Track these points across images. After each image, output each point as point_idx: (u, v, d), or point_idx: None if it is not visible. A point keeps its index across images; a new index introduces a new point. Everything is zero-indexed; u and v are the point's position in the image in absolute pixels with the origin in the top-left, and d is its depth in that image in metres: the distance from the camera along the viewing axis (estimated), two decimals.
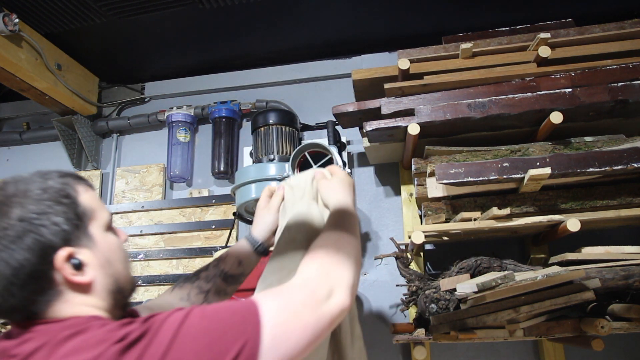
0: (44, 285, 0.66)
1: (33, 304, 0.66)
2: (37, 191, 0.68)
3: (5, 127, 2.39)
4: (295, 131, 1.85)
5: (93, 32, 1.92)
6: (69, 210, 0.69)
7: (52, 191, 0.69)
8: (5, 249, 0.64)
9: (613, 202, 1.35)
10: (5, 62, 1.73)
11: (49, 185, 0.69)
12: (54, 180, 0.70)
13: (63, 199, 0.69)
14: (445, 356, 1.65)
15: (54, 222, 0.67)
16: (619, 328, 1.26)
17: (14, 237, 0.64)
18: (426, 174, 1.45)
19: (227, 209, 1.97)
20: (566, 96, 1.36)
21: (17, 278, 0.64)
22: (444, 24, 1.90)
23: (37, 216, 0.66)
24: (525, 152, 1.39)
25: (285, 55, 2.11)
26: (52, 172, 0.72)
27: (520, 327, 1.28)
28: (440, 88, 1.50)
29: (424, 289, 1.38)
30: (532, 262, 1.55)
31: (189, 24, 1.89)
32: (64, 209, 0.68)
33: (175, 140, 2.04)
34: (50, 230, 0.66)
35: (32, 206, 0.66)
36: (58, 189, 0.70)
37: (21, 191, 0.67)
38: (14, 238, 0.64)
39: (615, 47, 1.49)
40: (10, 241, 0.64)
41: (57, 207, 0.68)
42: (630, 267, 1.26)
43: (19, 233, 0.64)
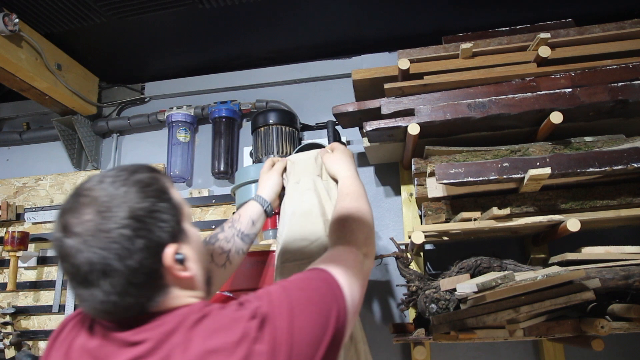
0: (158, 282, 0.67)
1: (148, 302, 0.66)
2: (139, 188, 0.67)
3: (5, 127, 2.39)
4: (295, 131, 1.85)
5: (93, 32, 1.92)
6: (170, 205, 0.69)
7: (152, 188, 0.68)
8: (123, 249, 0.63)
9: (613, 202, 1.35)
10: (5, 62, 1.73)
11: (147, 181, 0.68)
12: (147, 175, 0.69)
13: (163, 195, 0.69)
14: (445, 356, 1.65)
15: (161, 219, 0.67)
16: (619, 328, 1.26)
17: (130, 237, 0.63)
18: (426, 174, 1.45)
19: (227, 209, 1.97)
20: (566, 96, 1.36)
21: (135, 277, 0.64)
22: (444, 24, 1.90)
23: (147, 214, 0.65)
24: (525, 152, 1.39)
25: (285, 55, 2.11)
26: (140, 167, 0.71)
27: (520, 327, 1.28)
28: (440, 88, 1.50)
29: (424, 289, 1.38)
30: (532, 262, 1.55)
31: (189, 24, 1.89)
32: (167, 205, 0.69)
33: (175, 140, 2.04)
34: (160, 228, 0.66)
35: (141, 204, 0.65)
36: (156, 186, 0.69)
37: (123, 190, 0.66)
38: (130, 238, 0.63)
39: (615, 47, 1.49)
40: (126, 241, 0.63)
41: (161, 204, 0.68)
42: (630, 267, 1.26)
43: (134, 232, 0.64)
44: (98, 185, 0.66)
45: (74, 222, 0.64)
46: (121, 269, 0.63)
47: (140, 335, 0.65)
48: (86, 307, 0.67)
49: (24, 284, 2.03)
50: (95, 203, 0.64)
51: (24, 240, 1.95)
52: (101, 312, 0.66)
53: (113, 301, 0.64)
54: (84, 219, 0.63)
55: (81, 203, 0.65)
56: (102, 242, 0.62)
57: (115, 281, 0.63)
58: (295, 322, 0.64)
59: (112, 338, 0.67)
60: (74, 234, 0.63)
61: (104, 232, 0.63)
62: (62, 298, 1.98)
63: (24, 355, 1.84)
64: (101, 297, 0.64)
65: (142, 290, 0.65)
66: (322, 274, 0.74)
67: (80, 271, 0.63)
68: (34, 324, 2.01)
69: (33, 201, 2.15)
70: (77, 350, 0.70)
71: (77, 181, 2.14)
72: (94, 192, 0.65)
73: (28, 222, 2.12)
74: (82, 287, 0.64)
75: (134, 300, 0.65)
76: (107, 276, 0.63)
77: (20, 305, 2.02)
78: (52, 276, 2.03)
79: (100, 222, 0.63)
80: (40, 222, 2.11)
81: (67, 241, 0.63)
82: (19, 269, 1.99)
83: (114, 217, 0.63)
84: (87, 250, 0.62)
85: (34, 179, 2.19)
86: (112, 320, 0.67)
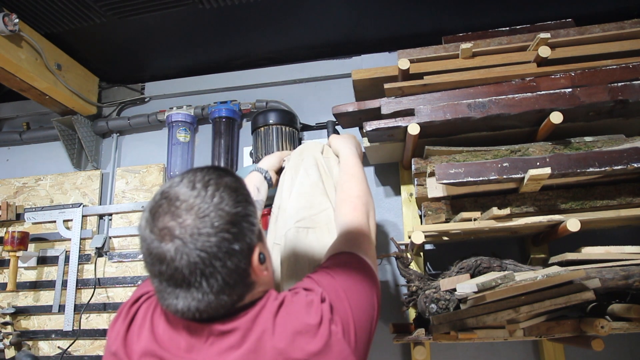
0: (247, 281, 0.72)
1: (239, 301, 0.72)
2: (231, 193, 0.70)
3: (5, 127, 2.39)
4: (295, 131, 1.85)
5: (93, 32, 1.92)
6: (254, 208, 0.74)
7: (241, 192, 0.72)
8: (223, 252, 0.67)
9: (613, 202, 1.35)
10: (5, 62, 1.73)
11: (236, 186, 0.72)
12: (232, 180, 0.73)
13: (249, 198, 0.74)
14: (445, 356, 1.65)
15: (252, 222, 0.72)
16: (619, 328, 1.26)
17: (229, 240, 0.67)
18: (426, 174, 1.45)
19: None
20: (566, 96, 1.36)
21: (231, 278, 0.68)
22: (444, 24, 1.90)
23: (242, 218, 0.70)
24: (525, 152, 1.39)
25: (285, 55, 2.11)
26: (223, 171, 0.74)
27: (520, 327, 1.28)
28: (440, 88, 1.50)
29: (424, 289, 1.38)
30: (532, 262, 1.55)
31: (189, 24, 1.89)
32: (253, 208, 0.74)
33: (175, 140, 2.04)
34: (251, 231, 0.71)
35: (235, 209, 0.69)
36: (243, 190, 0.73)
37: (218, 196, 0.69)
38: (229, 241, 0.67)
39: (615, 47, 1.49)
40: (227, 244, 0.67)
41: (250, 208, 0.73)
42: (630, 267, 1.26)
43: (232, 237, 0.68)
44: (192, 191, 0.69)
45: (173, 225, 0.66)
46: (220, 270, 0.67)
47: (229, 325, 0.70)
48: (179, 305, 0.69)
49: (23, 284, 2.03)
50: (194, 209, 0.67)
51: (24, 240, 1.95)
52: (195, 310, 0.69)
53: (208, 300, 0.68)
54: (185, 223, 0.66)
55: (178, 207, 0.67)
56: (204, 245, 0.66)
57: (213, 281, 0.67)
58: (352, 303, 0.75)
59: (199, 329, 0.71)
60: (175, 237, 0.66)
61: (205, 236, 0.66)
62: (62, 298, 1.98)
63: (24, 355, 1.83)
64: (198, 296, 0.67)
65: (235, 289, 0.70)
66: (354, 257, 0.84)
67: (181, 273, 0.66)
68: (34, 324, 2.01)
69: (33, 201, 2.15)
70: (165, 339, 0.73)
71: (77, 181, 2.14)
72: (189, 198, 0.68)
73: (28, 222, 2.12)
74: (179, 287, 0.68)
75: (228, 299, 0.70)
76: (207, 277, 0.67)
77: (20, 305, 2.02)
78: (52, 276, 2.03)
79: (201, 227, 0.66)
80: (40, 222, 2.11)
81: (167, 245, 0.66)
82: (19, 269, 1.99)
83: (214, 223, 0.67)
84: (190, 253, 0.66)
85: (34, 179, 2.19)
86: (199, 318, 0.70)
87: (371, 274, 0.83)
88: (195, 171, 0.72)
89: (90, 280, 1.97)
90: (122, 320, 0.79)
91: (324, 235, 1.11)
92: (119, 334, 0.78)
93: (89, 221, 2.07)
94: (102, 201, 2.11)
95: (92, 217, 2.07)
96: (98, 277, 1.96)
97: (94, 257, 2.00)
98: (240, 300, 0.72)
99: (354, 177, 1.09)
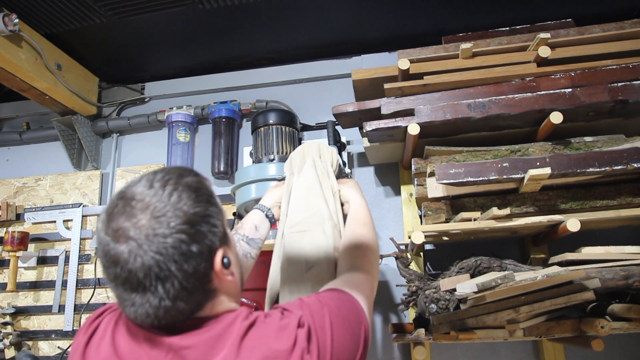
0: (208, 287, 0.67)
1: (197, 307, 0.66)
2: (190, 194, 0.66)
3: (5, 127, 2.39)
4: (295, 131, 1.85)
5: (93, 32, 1.92)
6: (218, 210, 0.70)
7: (202, 193, 0.68)
8: (179, 254, 0.62)
9: (613, 202, 1.35)
10: (5, 62, 1.73)
11: (197, 186, 0.68)
12: (193, 179, 0.69)
13: (212, 199, 0.69)
14: (445, 356, 1.65)
15: (213, 224, 0.67)
16: (619, 328, 1.26)
17: (185, 242, 0.63)
18: (426, 174, 1.45)
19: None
20: (566, 96, 1.36)
21: (189, 282, 0.63)
22: (444, 24, 1.90)
23: (202, 219, 0.65)
24: (525, 152, 1.39)
25: (285, 55, 2.11)
26: (186, 171, 0.70)
27: (520, 327, 1.28)
28: (440, 88, 1.50)
29: (424, 289, 1.38)
30: (532, 262, 1.55)
31: (189, 24, 1.89)
32: (216, 209, 0.69)
33: (175, 140, 2.04)
34: (212, 233, 0.66)
35: (194, 210, 0.65)
36: (205, 191, 0.69)
37: (176, 196, 0.65)
38: (186, 243, 0.63)
39: (615, 47, 1.49)
40: (183, 246, 0.62)
41: (212, 209, 0.68)
42: (630, 267, 1.26)
43: (189, 238, 0.63)
44: (149, 190, 0.65)
45: (127, 226, 0.62)
46: (177, 274, 0.62)
47: (189, 340, 0.65)
48: (136, 312, 0.65)
49: (23, 284, 2.03)
50: (149, 208, 0.63)
51: (24, 240, 1.95)
52: (152, 317, 0.65)
53: (165, 306, 0.63)
54: (139, 224, 0.62)
55: (134, 207, 0.63)
56: (158, 246, 0.61)
57: (169, 286, 0.63)
58: (335, 337, 0.68)
59: (159, 342, 0.66)
60: (128, 238, 0.62)
61: (161, 237, 0.62)
62: (62, 298, 1.98)
63: (24, 355, 1.83)
64: (154, 302, 0.63)
65: (194, 295, 0.65)
66: (348, 297, 0.78)
67: (135, 276, 0.62)
68: (34, 324, 2.01)
69: (33, 201, 2.15)
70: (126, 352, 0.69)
71: (77, 181, 2.14)
72: (146, 197, 0.64)
73: (28, 222, 2.12)
74: (135, 292, 0.63)
75: (185, 306, 0.65)
76: (162, 281, 0.62)
77: (20, 305, 2.02)
78: (52, 276, 2.03)
79: (157, 227, 0.62)
80: (40, 222, 2.11)
81: (120, 247, 0.62)
82: (18, 269, 1.99)
83: (170, 223, 0.62)
84: (144, 255, 0.61)
85: (34, 179, 2.19)
86: (158, 325, 0.66)
87: (360, 315, 0.77)
88: (156, 171, 0.68)
89: (90, 280, 1.97)
90: (82, 333, 0.75)
91: (319, 236, 1.10)
92: (77, 348, 0.74)
93: (89, 221, 2.07)
94: (102, 201, 2.11)
95: (92, 217, 2.07)
96: (98, 277, 1.96)
97: (94, 257, 2.00)
98: (199, 308, 0.67)
99: (366, 226, 1.07)
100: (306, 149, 1.29)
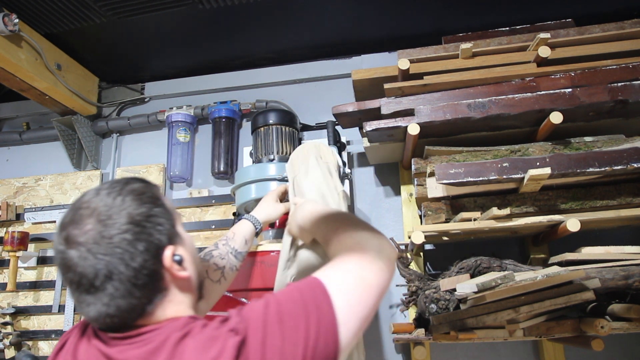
0: (158, 283, 0.70)
1: (149, 303, 0.69)
2: (135, 196, 0.71)
3: (5, 127, 2.39)
4: (295, 131, 1.85)
5: (93, 32, 1.92)
6: (164, 210, 0.74)
7: (147, 195, 0.72)
8: (126, 252, 0.66)
9: (613, 202, 1.35)
10: (5, 62, 1.73)
11: (141, 190, 0.73)
12: (139, 185, 0.74)
13: (157, 201, 0.74)
14: (445, 356, 1.65)
15: (158, 222, 0.71)
16: (619, 328, 1.26)
17: (131, 241, 0.67)
18: (426, 174, 1.45)
19: (227, 209, 1.97)
20: (566, 96, 1.36)
21: (137, 279, 0.67)
22: (444, 24, 1.90)
23: (145, 219, 0.69)
24: (525, 152, 1.39)
25: (285, 55, 2.11)
26: (131, 179, 0.76)
27: (520, 327, 1.28)
28: (440, 88, 1.50)
29: (423, 289, 1.38)
30: (532, 262, 1.55)
31: (189, 24, 1.89)
32: (161, 209, 0.73)
33: (175, 140, 2.04)
34: (158, 231, 0.70)
35: (138, 210, 0.69)
36: (150, 193, 0.74)
37: (120, 199, 0.70)
38: (131, 241, 0.67)
39: (615, 47, 1.49)
40: (128, 245, 0.67)
41: (157, 209, 0.72)
42: (630, 267, 1.26)
43: (135, 236, 0.67)
44: (95, 197, 0.70)
45: (76, 233, 0.67)
46: (125, 272, 0.66)
47: (127, 353, 0.68)
48: (91, 313, 0.69)
49: (23, 284, 2.03)
50: (95, 213, 0.68)
51: (24, 240, 1.95)
52: (105, 316, 0.68)
53: (117, 304, 0.67)
54: (86, 229, 0.67)
55: (81, 215, 0.68)
56: (105, 248, 0.66)
57: (119, 284, 0.66)
58: (267, 340, 0.62)
59: (103, 354, 0.70)
60: (77, 244, 0.67)
61: (107, 239, 0.66)
62: (62, 298, 1.98)
63: (24, 355, 1.83)
64: (106, 301, 0.67)
65: (144, 291, 0.68)
66: (310, 283, 0.69)
67: (86, 278, 0.66)
68: (34, 324, 2.01)
69: (33, 201, 2.15)
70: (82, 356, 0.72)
71: (77, 181, 2.14)
72: (92, 204, 0.69)
73: (28, 222, 2.12)
74: (88, 293, 0.67)
75: (137, 302, 0.68)
76: (112, 279, 0.66)
77: (20, 305, 2.02)
78: (52, 276, 2.03)
79: (102, 230, 0.67)
80: (40, 222, 2.11)
81: (71, 252, 0.67)
82: (18, 269, 1.99)
83: (115, 224, 0.67)
84: (92, 258, 0.66)
85: (33, 179, 2.19)
86: (113, 326, 0.69)
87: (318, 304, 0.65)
88: (106, 181, 0.75)
89: None
90: (55, 348, 0.79)
91: None
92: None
93: None
94: None
95: None
96: None
97: None
98: (151, 306, 0.69)
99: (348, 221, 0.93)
100: (306, 149, 1.29)
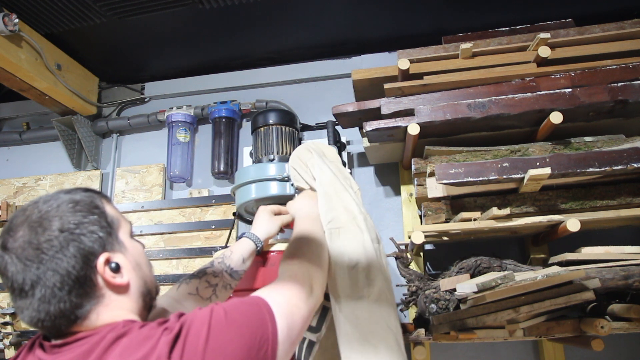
0: (89, 289, 0.71)
1: (79, 308, 0.70)
2: (69, 205, 0.73)
3: (5, 127, 2.39)
4: (295, 131, 1.85)
5: (93, 32, 1.92)
6: (100, 219, 0.75)
7: (83, 204, 0.74)
8: (53, 259, 0.68)
9: (613, 202, 1.35)
10: (5, 62, 1.73)
11: (78, 199, 0.75)
12: (80, 194, 0.76)
13: (94, 210, 0.75)
14: (445, 356, 1.65)
15: (90, 230, 0.73)
16: (619, 328, 1.26)
17: (59, 247, 0.69)
18: (426, 174, 1.45)
19: (227, 209, 1.97)
20: (566, 96, 1.36)
21: (65, 284, 0.69)
22: (444, 24, 1.90)
23: (76, 226, 0.71)
24: (525, 152, 1.39)
25: (285, 55, 2.11)
26: (75, 189, 0.79)
27: (520, 327, 1.28)
28: (440, 88, 1.50)
29: (423, 289, 1.38)
30: (532, 262, 1.55)
31: (189, 24, 1.89)
32: (97, 218, 0.75)
33: (175, 140, 2.04)
34: (89, 238, 0.72)
35: (70, 218, 0.71)
36: (87, 201, 0.76)
37: (54, 207, 0.72)
38: (59, 248, 0.69)
39: (615, 47, 1.49)
40: (56, 251, 0.69)
41: (91, 217, 0.74)
42: (630, 267, 1.26)
43: (63, 243, 0.69)
44: (32, 205, 0.73)
45: (9, 239, 0.70)
46: (51, 278, 0.68)
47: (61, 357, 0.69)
48: (25, 318, 0.71)
49: None
50: (28, 221, 0.71)
51: None
52: (37, 321, 0.70)
53: (46, 310, 0.69)
54: (17, 235, 0.70)
55: (17, 222, 0.72)
56: (31, 254, 0.68)
57: (46, 289, 0.68)
58: (210, 341, 0.65)
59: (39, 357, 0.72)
60: (8, 250, 0.70)
61: (35, 244, 0.69)
62: None
63: None
64: (36, 306, 0.69)
65: (72, 296, 0.69)
66: (257, 300, 0.76)
67: (17, 283, 0.69)
68: None
69: None
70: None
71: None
72: (27, 212, 0.72)
73: None
74: (20, 298, 0.70)
75: (66, 307, 0.69)
76: (39, 285, 0.68)
77: None
78: None
79: (32, 237, 0.69)
80: None
81: (5, 258, 0.70)
82: None
83: (45, 232, 0.69)
84: (20, 264, 0.68)
85: (33, 179, 2.19)
86: (50, 332, 0.72)
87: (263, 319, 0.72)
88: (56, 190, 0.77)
89: None
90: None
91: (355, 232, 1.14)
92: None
93: None
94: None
95: None
96: None
97: None
98: (82, 310, 0.70)
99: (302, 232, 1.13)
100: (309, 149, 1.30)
